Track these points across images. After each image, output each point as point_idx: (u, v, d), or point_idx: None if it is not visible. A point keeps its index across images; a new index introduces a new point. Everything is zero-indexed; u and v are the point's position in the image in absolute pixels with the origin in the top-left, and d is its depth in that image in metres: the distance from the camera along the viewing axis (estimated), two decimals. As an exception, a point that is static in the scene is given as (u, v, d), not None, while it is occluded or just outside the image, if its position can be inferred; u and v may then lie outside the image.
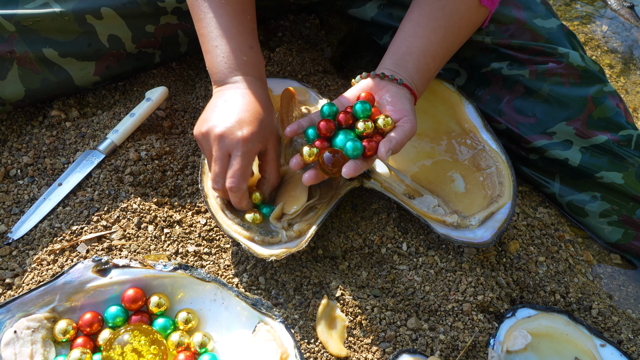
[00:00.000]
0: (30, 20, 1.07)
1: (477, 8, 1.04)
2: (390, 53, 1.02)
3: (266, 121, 0.95)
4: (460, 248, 1.02)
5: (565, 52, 1.11)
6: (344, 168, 0.89)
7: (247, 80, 0.98)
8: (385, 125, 0.93)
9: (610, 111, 1.10)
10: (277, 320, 0.86)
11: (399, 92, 0.96)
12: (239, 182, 0.91)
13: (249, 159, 0.92)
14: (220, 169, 0.92)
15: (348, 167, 0.89)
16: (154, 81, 1.25)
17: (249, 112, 0.94)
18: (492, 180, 1.06)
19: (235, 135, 0.91)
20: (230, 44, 0.99)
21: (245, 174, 0.92)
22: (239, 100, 0.95)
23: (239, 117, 0.92)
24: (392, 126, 0.93)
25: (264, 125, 0.94)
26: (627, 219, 1.10)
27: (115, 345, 0.81)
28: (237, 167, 0.91)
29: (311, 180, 0.94)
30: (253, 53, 1.01)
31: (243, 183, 0.92)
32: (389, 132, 0.92)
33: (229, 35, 1.00)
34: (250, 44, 1.01)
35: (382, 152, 0.89)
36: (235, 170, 0.91)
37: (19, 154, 1.10)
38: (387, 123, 0.92)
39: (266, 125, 0.95)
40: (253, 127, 0.92)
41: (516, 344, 0.92)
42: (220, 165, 0.92)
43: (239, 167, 0.91)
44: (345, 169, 0.89)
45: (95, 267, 0.89)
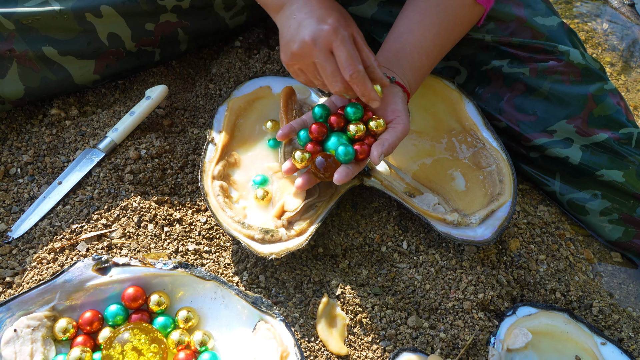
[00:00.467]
0: (30, 18, 1.07)
1: (472, 6, 1.03)
2: (384, 50, 1.02)
3: (340, 9, 0.93)
4: (460, 246, 1.02)
5: (566, 50, 1.11)
6: (335, 174, 0.89)
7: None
8: (377, 127, 0.93)
9: (610, 109, 1.10)
10: (278, 318, 0.86)
11: (391, 92, 0.96)
12: (355, 66, 0.88)
13: (349, 42, 0.88)
14: (331, 67, 0.89)
15: (339, 173, 0.89)
16: (153, 79, 1.25)
17: (321, 8, 0.91)
18: (493, 179, 1.06)
19: (324, 31, 0.87)
20: None
21: (355, 56, 0.88)
22: (306, 7, 0.92)
23: (317, 17, 0.89)
24: (384, 128, 0.93)
25: (341, 12, 0.92)
26: (627, 217, 1.10)
27: (115, 343, 0.81)
28: (344, 54, 0.87)
29: (304, 186, 0.94)
30: None
31: (358, 64, 0.88)
32: (381, 133, 0.92)
33: None
34: None
35: (374, 156, 0.89)
36: (344, 57, 0.87)
37: (18, 153, 1.10)
38: (379, 125, 0.92)
39: (342, 12, 0.93)
40: (334, 16, 0.89)
41: (517, 342, 0.92)
42: (330, 65, 0.89)
43: (347, 52, 0.87)
44: (337, 175, 0.89)
45: (96, 266, 0.89)
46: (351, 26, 0.92)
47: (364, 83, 0.88)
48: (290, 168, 0.95)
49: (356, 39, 0.92)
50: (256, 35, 1.35)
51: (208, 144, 1.06)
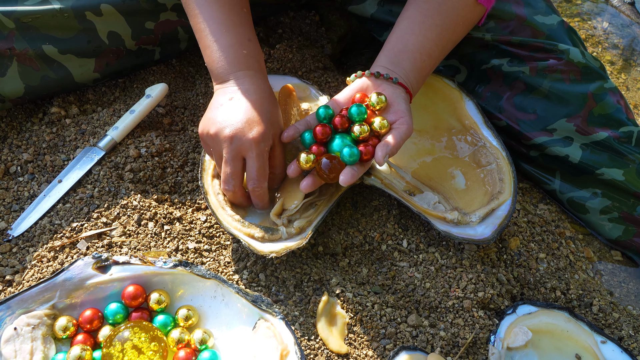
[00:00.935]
0: (30, 17, 1.07)
1: (473, 6, 1.03)
2: (386, 51, 1.02)
3: (273, 117, 0.95)
4: (460, 245, 1.02)
5: (566, 49, 1.11)
6: (341, 175, 0.89)
7: (249, 75, 0.97)
8: (382, 128, 0.93)
9: (610, 108, 1.10)
10: (278, 317, 0.86)
11: (394, 92, 0.96)
12: (260, 182, 0.93)
13: (265, 158, 0.92)
14: (232, 170, 0.93)
15: (345, 175, 0.89)
16: (153, 78, 1.25)
17: (256, 110, 0.93)
18: (493, 177, 1.06)
19: (247, 137, 0.91)
20: (229, 38, 0.98)
21: (264, 173, 0.93)
22: (244, 99, 0.94)
23: (247, 117, 0.92)
24: (388, 128, 0.93)
25: (271, 122, 0.94)
26: (627, 215, 1.10)
27: (115, 342, 0.81)
28: (256, 168, 0.92)
29: (309, 188, 0.94)
30: (252, 45, 1.00)
31: (264, 182, 0.93)
32: (385, 134, 0.92)
33: (226, 29, 0.99)
34: (249, 36, 1.00)
35: (379, 157, 0.89)
36: (254, 171, 0.92)
37: (18, 151, 1.10)
38: (383, 126, 0.92)
39: (273, 122, 0.95)
40: (262, 126, 0.92)
41: (517, 340, 0.92)
42: (232, 167, 0.92)
43: (258, 168, 0.92)
44: (343, 177, 0.89)
45: (96, 264, 0.89)
46: (277, 134, 0.95)
47: (262, 198, 0.96)
48: (295, 170, 0.95)
49: (274, 147, 0.95)
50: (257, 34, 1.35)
51: (208, 142, 1.06)
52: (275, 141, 0.95)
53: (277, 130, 0.96)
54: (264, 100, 0.95)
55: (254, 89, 0.96)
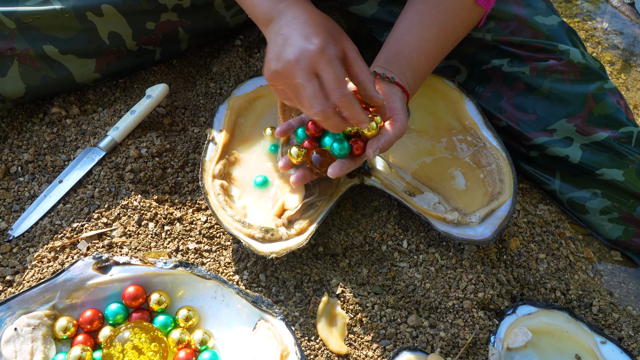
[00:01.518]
0: (31, 17, 1.07)
1: (472, 7, 1.04)
2: (384, 51, 1.02)
3: (330, 27, 0.89)
4: (460, 245, 1.02)
5: (566, 49, 1.11)
6: (330, 168, 0.90)
7: (290, 4, 0.92)
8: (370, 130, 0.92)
9: (610, 108, 1.10)
10: (278, 317, 0.86)
11: (390, 91, 0.96)
12: (342, 89, 0.83)
13: (336, 63, 0.85)
14: (314, 89, 0.84)
15: (334, 167, 0.89)
16: (154, 78, 1.25)
17: (309, 25, 0.87)
18: (493, 178, 1.06)
19: (310, 51, 0.83)
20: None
21: (342, 79, 0.84)
22: (294, 23, 0.88)
23: (304, 34, 0.85)
24: (375, 131, 0.93)
25: (329, 29, 0.88)
26: (627, 215, 1.10)
27: (115, 342, 0.81)
28: (331, 76, 0.83)
29: (299, 181, 0.95)
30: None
31: (346, 88, 0.84)
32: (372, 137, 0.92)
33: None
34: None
35: (369, 152, 0.89)
36: (331, 80, 0.83)
37: (19, 151, 1.10)
38: (372, 128, 0.92)
39: (332, 31, 0.88)
40: (321, 34, 0.85)
41: (517, 341, 0.92)
42: (312, 86, 0.84)
43: (334, 76, 0.83)
44: (331, 169, 0.89)
45: (96, 265, 0.89)
46: (342, 42, 0.89)
47: (352, 107, 0.85)
48: (286, 164, 0.95)
49: (347, 54, 0.89)
50: (257, 34, 1.35)
51: (208, 142, 1.06)
52: (345, 48, 0.89)
53: (341, 36, 0.89)
54: (315, 16, 0.89)
55: (300, 11, 0.90)
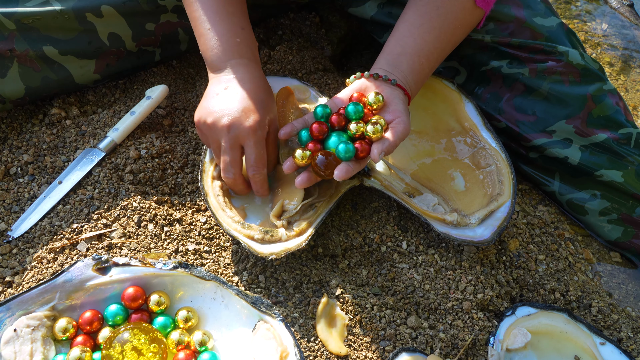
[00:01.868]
0: (31, 18, 1.07)
1: (472, 9, 1.04)
2: (385, 53, 1.02)
3: (268, 105, 0.97)
4: (460, 246, 1.02)
5: (565, 51, 1.11)
6: (336, 171, 0.89)
7: (242, 63, 0.99)
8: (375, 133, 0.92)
9: (609, 109, 1.10)
10: (277, 318, 0.86)
11: (392, 93, 0.96)
12: (260, 169, 0.95)
13: (262, 145, 0.94)
14: (231, 159, 0.94)
15: (340, 170, 0.89)
16: (154, 79, 1.25)
17: (251, 99, 0.95)
18: (492, 179, 1.06)
19: (244, 126, 0.92)
20: (223, 26, 1.00)
21: (263, 160, 0.95)
22: (239, 87, 0.96)
23: (244, 106, 0.94)
24: (380, 134, 0.93)
25: (266, 110, 0.96)
26: (626, 217, 1.10)
27: (115, 343, 0.81)
28: (254, 155, 0.94)
29: (304, 183, 0.95)
30: (245, 34, 1.02)
31: (263, 168, 0.95)
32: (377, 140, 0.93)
33: (220, 17, 1.00)
34: (242, 25, 1.02)
35: (374, 154, 0.89)
36: (253, 159, 0.94)
37: (19, 152, 1.10)
38: (377, 131, 0.92)
39: (268, 110, 0.97)
40: (259, 114, 0.94)
41: (516, 342, 0.92)
42: (231, 155, 0.94)
43: (256, 155, 0.94)
44: (337, 172, 0.89)
45: (96, 266, 0.89)
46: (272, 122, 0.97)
47: (262, 184, 0.97)
48: (290, 166, 0.95)
49: (270, 133, 0.97)
50: (256, 36, 1.35)
51: (208, 143, 1.06)
52: (270, 128, 0.97)
53: (272, 118, 0.98)
54: (258, 88, 0.97)
55: (248, 77, 0.98)
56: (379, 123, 0.91)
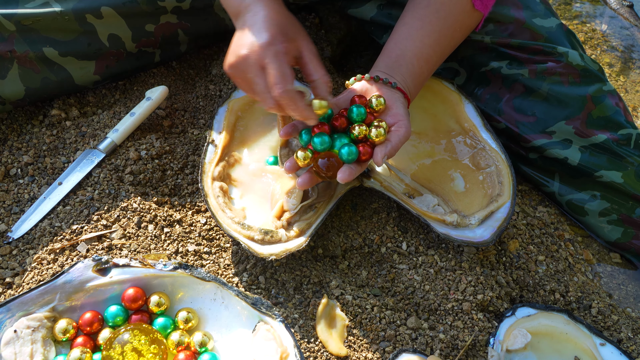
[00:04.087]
0: (31, 19, 1.07)
1: (470, 12, 1.04)
2: (384, 56, 1.02)
3: (287, 23, 0.91)
4: (460, 247, 1.02)
5: (565, 51, 1.11)
6: (339, 173, 0.89)
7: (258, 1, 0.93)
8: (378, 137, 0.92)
9: (609, 110, 1.10)
10: (277, 319, 0.86)
11: (393, 96, 0.96)
12: (283, 84, 0.85)
13: (282, 59, 0.86)
14: (262, 85, 0.87)
15: (343, 172, 0.89)
16: (154, 80, 1.25)
17: (264, 21, 0.89)
18: (492, 180, 1.06)
19: (257, 46, 0.87)
20: None
21: (285, 75, 0.85)
22: (253, 19, 0.91)
23: (256, 30, 0.88)
24: (383, 137, 0.93)
25: (284, 27, 0.90)
26: (626, 217, 1.10)
27: (115, 344, 0.81)
28: (274, 71, 0.85)
29: (305, 185, 0.94)
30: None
31: (287, 84, 0.85)
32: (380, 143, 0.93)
33: None
34: None
35: (377, 157, 0.89)
36: (273, 75, 0.85)
37: (19, 153, 1.10)
38: (379, 134, 0.92)
39: (287, 26, 0.91)
40: (270, 31, 0.88)
41: (516, 343, 0.92)
42: (261, 81, 0.87)
43: (276, 71, 0.85)
44: (341, 174, 0.89)
45: (96, 267, 0.89)
46: (298, 41, 0.90)
47: (292, 103, 0.86)
48: (292, 166, 0.95)
49: (303, 54, 0.90)
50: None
51: (208, 144, 1.06)
52: (300, 46, 0.91)
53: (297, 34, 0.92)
54: (274, 13, 0.91)
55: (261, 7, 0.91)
56: (382, 126, 0.91)
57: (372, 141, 0.92)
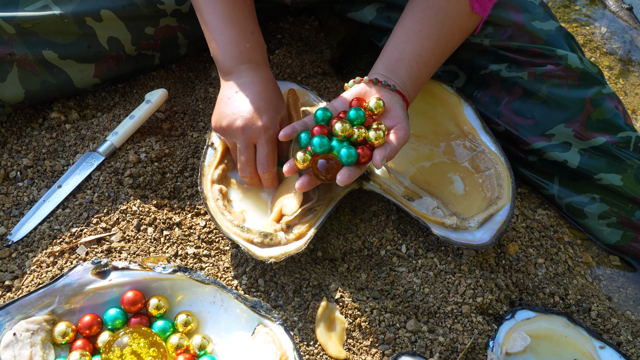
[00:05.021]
0: (30, 22, 1.08)
1: (469, 15, 1.04)
2: (383, 58, 1.02)
3: (278, 105, 1.01)
4: (459, 250, 1.02)
5: (564, 54, 1.11)
6: (339, 175, 0.89)
7: (252, 67, 1.03)
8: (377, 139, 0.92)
9: (608, 113, 1.10)
10: (276, 322, 0.86)
11: (392, 99, 0.96)
12: (269, 166, 0.98)
13: (273, 143, 0.98)
14: (247, 158, 0.99)
15: (342, 175, 0.89)
16: (153, 83, 1.25)
17: (262, 100, 0.99)
18: (491, 182, 1.06)
19: (256, 126, 0.97)
20: (233, 32, 1.04)
21: (273, 158, 0.99)
22: (250, 90, 1.00)
23: (255, 107, 0.98)
24: (382, 140, 0.93)
25: (277, 110, 1.00)
26: (625, 220, 1.10)
27: (114, 347, 0.81)
28: (265, 153, 0.97)
29: (305, 187, 0.94)
30: (255, 38, 1.06)
31: (273, 167, 0.99)
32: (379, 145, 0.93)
33: (230, 22, 1.04)
34: (251, 29, 1.06)
35: (377, 160, 0.89)
36: (264, 156, 0.98)
37: (18, 156, 1.10)
38: (379, 137, 0.92)
39: (279, 110, 1.01)
40: (270, 114, 0.98)
41: (515, 346, 0.92)
42: (246, 155, 0.99)
43: (267, 153, 0.97)
44: (340, 177, 0.89)
45: (95, 270, 0.89)
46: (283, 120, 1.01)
47: (272, 182, 1.01)
48: (291, 168, 0.95)
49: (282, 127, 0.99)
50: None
51: (207, 147, 1.06)
52: (280, 127, 1.00)
53: (283, 117, 1.02)
54: (268, 89, 1.01)
55: (258, 80, 1.01)
56: (381, 129, 0.91)
57: (371, 143, 0.92)
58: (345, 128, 0.92)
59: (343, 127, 0.92)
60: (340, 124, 0.92)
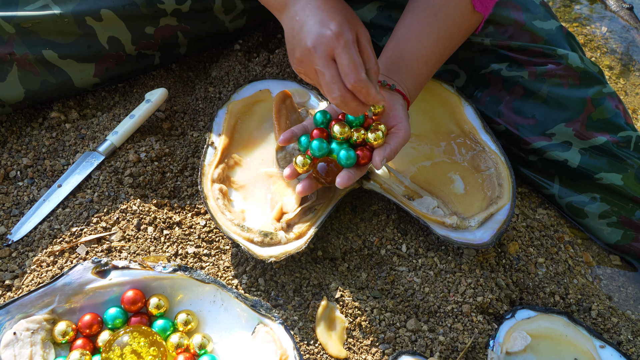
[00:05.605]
0: (30, 22, 1.07)
1: (470, 14, 1.04)
2: (383, 58, 1.02)
3: (345, 11, 0.89)
4: (459, 249, 1.02)
5: (565, 54, 1.11)
6: (338, 178, 0.89)
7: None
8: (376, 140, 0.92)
9: (609, 112, 1.10)
10: (277, 321, 0.86)
11: (392, 98, 0.96)
12: (357, 74, 0.83)
13: (353, 48, 0.84)
14: (331, 75, 0.85)
15: (342, 177, 0.89)
16: (153, 83, 1.25)
17: (323, 9, 0.87)
18: (492, 182, 1.06)
19: (325, 37, 0.84)
20: None
21: (358, 64, 0.84)
22: (308, 8, 0.88)
23: (319, 20, 0.86)
24: (382, 140, 0.93)
25: (345, 13, 0.88)
26: (626, 220, 1.10)
27: (114, 346, 0.81)
28: (347, 60, 0.83)
29: (305, 191, 0.94)
30: None
31: (362, 72, 0.84)
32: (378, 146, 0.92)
33: None
34: None
35: (376, 160, 0.89)
36: (347, 64, 0.83)
37: (18, 156, 1.10)
38: (378, 137, 0.92)
39: (347, 15, 0.88)
40: (337, 19, 0.85)
41: (516, 345, 0.92)
42: (330, 72, 0.85)
43: (349, 59, 0.83)
44: (339, 179, 0.89)
45: (95, 269, 0.89)
46: (356, 27, 0.88)
47: (367, 90, 0.85)
48: (291, 173, 0.95)
49: (360, 40, 0.88)
50: (256, 39, 1.35)
51: (208, 147, 1.06)
52: (358, 33, 0.88)
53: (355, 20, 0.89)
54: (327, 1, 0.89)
55: None
56: (380, 129, 0.91)
57: (370, 144, 0.92)
58: (344, 130, 0.92)
59: (342, 129, 0.92)
60: (339, 126, 0.92)
